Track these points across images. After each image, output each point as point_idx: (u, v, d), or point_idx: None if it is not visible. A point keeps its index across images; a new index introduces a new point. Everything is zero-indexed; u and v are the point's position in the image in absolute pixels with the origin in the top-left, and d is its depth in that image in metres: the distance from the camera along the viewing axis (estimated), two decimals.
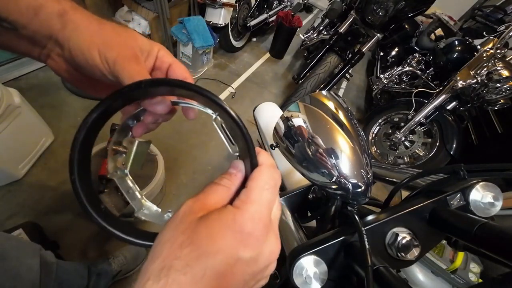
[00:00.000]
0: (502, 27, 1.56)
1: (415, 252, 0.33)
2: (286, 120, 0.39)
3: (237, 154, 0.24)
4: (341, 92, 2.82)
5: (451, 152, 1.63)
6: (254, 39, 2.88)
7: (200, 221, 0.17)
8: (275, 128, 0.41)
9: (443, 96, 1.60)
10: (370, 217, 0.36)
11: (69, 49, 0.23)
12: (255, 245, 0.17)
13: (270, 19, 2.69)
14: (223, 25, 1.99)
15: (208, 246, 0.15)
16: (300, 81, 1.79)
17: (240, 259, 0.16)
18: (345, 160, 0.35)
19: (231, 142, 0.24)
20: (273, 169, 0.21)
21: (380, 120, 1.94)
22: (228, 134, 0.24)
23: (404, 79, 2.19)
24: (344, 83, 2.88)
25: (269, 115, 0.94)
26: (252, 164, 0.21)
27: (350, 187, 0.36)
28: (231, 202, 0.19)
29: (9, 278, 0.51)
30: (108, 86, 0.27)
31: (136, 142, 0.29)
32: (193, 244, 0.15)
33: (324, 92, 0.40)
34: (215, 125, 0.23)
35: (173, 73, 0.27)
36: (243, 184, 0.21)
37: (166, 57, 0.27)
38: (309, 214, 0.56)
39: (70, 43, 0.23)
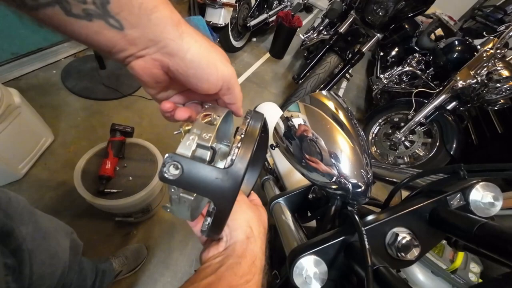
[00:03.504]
0: (502, 27, 1.56)
1: (415, 252, 0.33)
2: (286, 120, 0.40)
3: None
4: (341, 92, 2.82)
5: (451, 152, 1.63)
6: (254, 39, 2.88)
7: (259, 209, 0.32)
8: (275, 128, 0.42)
9: (443, 96, 1.60)
10: (370, 217, 0.36)
11: (184, 59, 0.23)
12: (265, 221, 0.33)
13: (270, 19, 2.69)
14: (223, 25, 1.99)
15: (265, 221, 0.32)
16: (300, 81, 1.79)
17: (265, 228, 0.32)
18: (345, 160, 0.35)
19: None
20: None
21: (380, 120, 1.94)
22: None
23: (404, 79, 2.19)
24: (344, 83, 2.88)
25: (269, 115, 0.93)
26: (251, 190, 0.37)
27: (350, 187, 0.36)
28: None
29: (49, 256, 0.54)
30: (174, 89, 0.29)
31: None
32: (265, 221, 0.32)
33: (324, 92, 0.40)
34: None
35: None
36: None
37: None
38: (309, 214, 0.56)
39: (188, 55, 0.23)
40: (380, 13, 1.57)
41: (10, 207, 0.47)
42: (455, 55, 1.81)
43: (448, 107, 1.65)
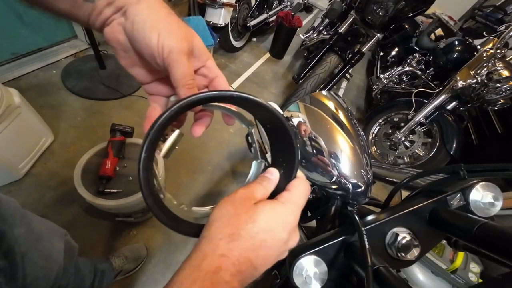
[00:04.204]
0: (502, 27, 1.56)
1: (415, 252, 0.33)
2: (286, 120, 0.39)
3: (260, 160, 0.31)
4: (341, 92, 2.82)
5: (451, 152, 1.63)
6: (254, 39, 2.88)
7: (257, 207, 0.23)
8: None
9: (443, 96, 1.60)
10: (370, 217, 0.36)
11: (133, 22, 0.24)
12: (289, 230, 0.24)
13: (270, 19, 2.68)
14: (223, 25, 1.99)
15: (264, 226, 0.23)
16: (300, 81, 1.79)
17: (281, 238, 0.23)
18: (345, 160, 0.35)
19: (262, 151, 0.30)
20: (307, 183, 0.27)
21: (380, 120, 1.94)
22: (263, 143, 0.27)
23: (404, 79, 2.19)
24: (344, 83, 2.88)
25: None
26: (293, 175, 0.27)
27: (350, 187, 0.36)
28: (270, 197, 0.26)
29: (43, 258, 0.53)
30: (149, 69, 0.29)
31: (177, 131, 0.30)
32: (255, 222, 0.22)
33: (324, 92, 0.40)
34: (254, 134, 0.30)
35: (217, 86, 0.30)
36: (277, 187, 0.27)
37: (214, 69, 0.30)
38: (309, 214, 0.56)
39: (136, 17, 0.24)
40: (380, 13, 1.57)
41: (1, 209, 0.46)
42: (455, 55, 1.81)
43: (448, 107, 1.65)
